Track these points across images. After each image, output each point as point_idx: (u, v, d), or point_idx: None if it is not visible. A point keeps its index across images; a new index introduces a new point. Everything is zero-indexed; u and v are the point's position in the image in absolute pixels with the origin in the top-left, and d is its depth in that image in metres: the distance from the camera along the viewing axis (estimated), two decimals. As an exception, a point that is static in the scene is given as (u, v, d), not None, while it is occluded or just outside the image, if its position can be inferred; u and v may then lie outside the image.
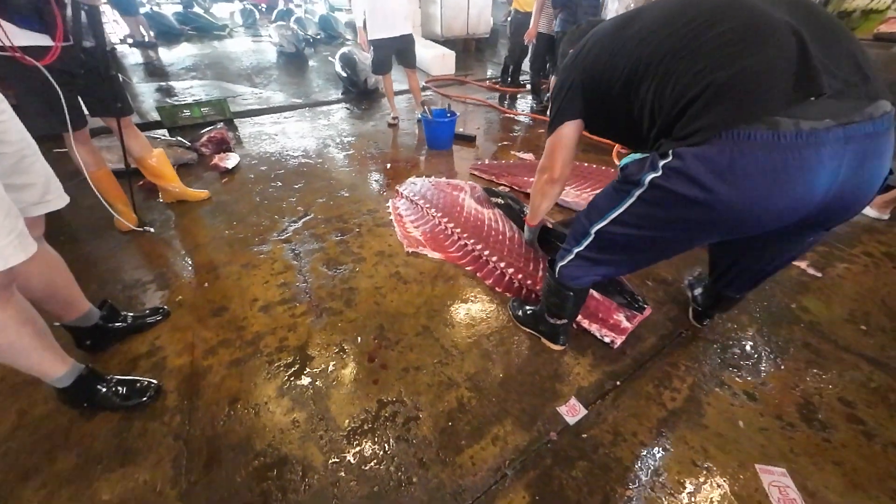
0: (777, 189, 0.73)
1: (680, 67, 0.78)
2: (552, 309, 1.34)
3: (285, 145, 3.35)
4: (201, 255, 1.97)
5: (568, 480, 1.07)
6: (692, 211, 0.81)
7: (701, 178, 0.75)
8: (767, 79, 0.69)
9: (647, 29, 0.87)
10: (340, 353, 1.44)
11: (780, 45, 0.70)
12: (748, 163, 0.72)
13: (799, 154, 0.70)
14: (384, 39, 3.34)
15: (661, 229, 0.91)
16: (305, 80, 5.53)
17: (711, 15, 0.78)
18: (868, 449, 1.14)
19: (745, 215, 0.78)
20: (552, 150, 1.26)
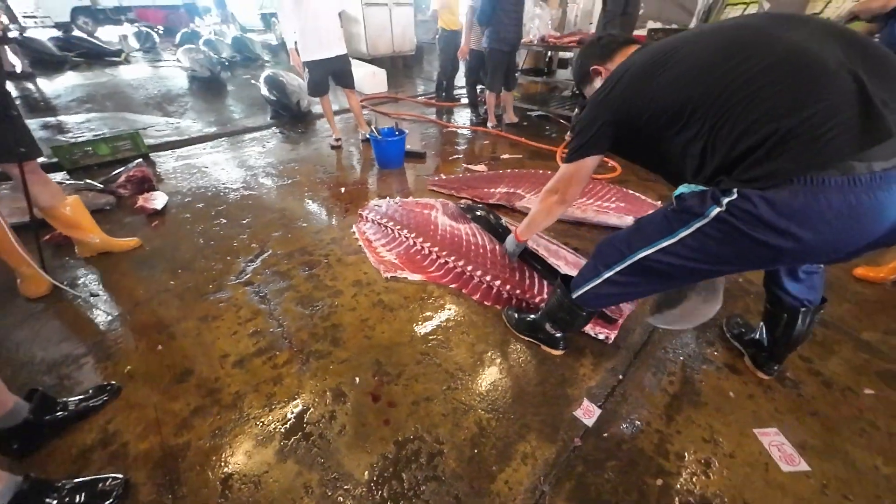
0: (851, 229, 0.76)
1: (739, 111, 0.78)
2: (559, 323, 1.37)
3: (220, 178, 3.07)
4: (145, 314, 1.70)
5: (602, 484, 1.08)
6: (756, 249, 0.82)
7: (772, 221, 0.76)
8: (833, 126, 0.70)
9: (691, 68, 0.86)
10: (340, 399, 1.32)
11: (841, 90, 0.71)
12: (823, 207, 0.73)
13: (874, 195, 0.73)
14: (319, 61, 3.24)
15: (715, 263, 0.91)
16: (226, 106, 5.15)
17: (766, 57, 0.77)
18: (831, 396, 1.31)
19: (820, 250, 0.80)
20: (569, 177, 1.23)
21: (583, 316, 1.29)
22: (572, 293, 1.24)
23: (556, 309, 1.34)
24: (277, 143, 3.88)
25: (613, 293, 1.15)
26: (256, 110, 4.95)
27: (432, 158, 3.48)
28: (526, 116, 4.54)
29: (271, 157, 3.49)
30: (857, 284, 1.83)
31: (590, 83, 1.25)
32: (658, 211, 1.01)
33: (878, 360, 1.44)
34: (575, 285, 1.23)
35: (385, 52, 7.09)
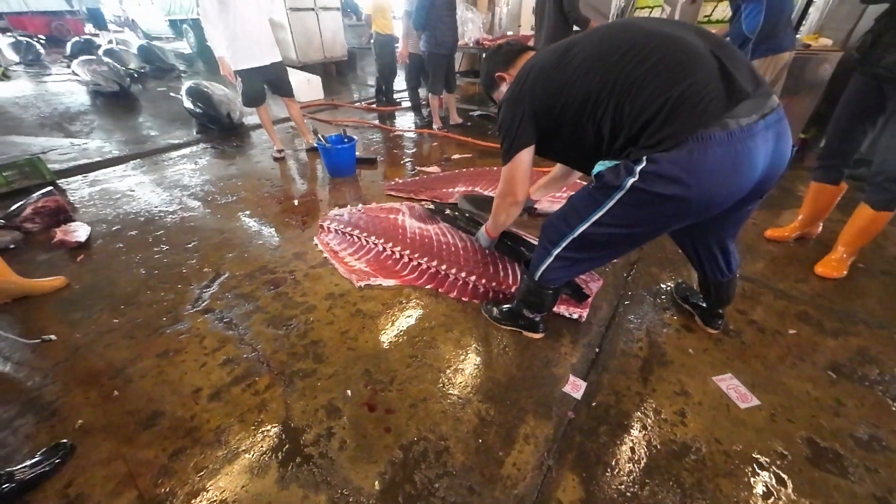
0: (734, 174, 0.94)
1: (634, 91, 0.94)
2: (532, 307, 1.45)
3: (150, 201, 2.78)
4: (90, 360, 1.51)
5: (599, 448, 1.17)
6: (668, 205, 0.98)
7: (676, 175, 0.92)
8: (709, 91, 0.89)
9: (589, 61, 1.02)
10: (334, 415, 1.28)
11: (708, 65, 0.91)
12: (710, 158, 0.91)
13: (744, 145, 0.92)
14: (252, 69, 3.07)
15: (640, 224, 1.06)
16: (141, 123, 4.67)
17: (645, 46, 0.96)
18: (765, 339, 1.54)
19: (712, 199, 0.97)
20: (512, 176, 1.32)
21: (549, 294, 1.38)
22: (534, 275, 1.33)
23: (526, 293, 1.43)
24: (211, 160, 3.60)
25: (567, 266, 1.26)
26: (179, 125, 4.55)
27: (383, 163, 3.45)
28: (468, 117, 4.67)
29: (207, 175, 3.24)
30: (768, 244, 2.15)
31: (497, 88, 1.42)
32: (584, 189, 1.14)
33: (793, 305, 1.71)
34: (533, 267, 1.33)
35: (316, 58, 6.86)
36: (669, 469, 1.11)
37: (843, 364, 1.42)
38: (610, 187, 1.02)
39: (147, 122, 4.74)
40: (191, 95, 4.33)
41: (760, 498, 1.04)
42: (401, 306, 1.74)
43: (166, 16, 9.32)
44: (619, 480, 1.09)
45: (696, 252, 1.40)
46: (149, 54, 6.87)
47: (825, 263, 1.89)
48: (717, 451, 1.16)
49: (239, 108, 4.35)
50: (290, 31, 6.30)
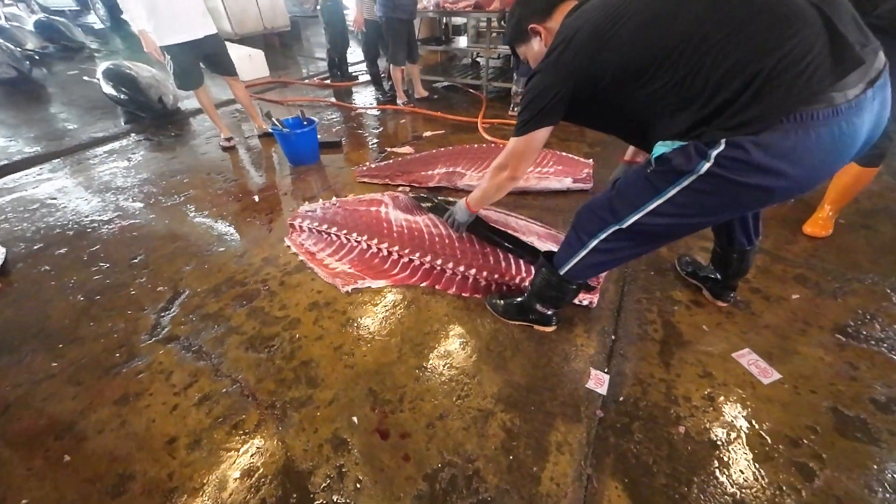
0: (833, 155, 0.79)
1: (711, 58, 0.75)
2: (548, 301, 1.34)
3: (78, 210, 2.38)
4: (26, 418, 1.24)
5: (636, 448, 1.11)
6: (749, 194, 0.83)
7: (766, 163, 0.76)
8: (814, 58, 0.70)
9: (651, 19, 0.81)
10: (342, 448, 1.13)
11: (810, 23, 0.71)
12: (813, 141, 0.75)
13: (851, 121, 0.75)
14: (182, 45, 2.63)
15: (707, 214, 0.92)
16: (53, 115, 4.02)
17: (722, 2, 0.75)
18: (771, 307, 1.53)
19: (802, 185, 0.84)
20: (520, 152, 1.15)
21: (573, 290, 1.28)
22: (559, 269, 1.20)
23: (545, 287, 1.31)
24: (148, 154, 3.14)
25: (602, 261, 1.14)
26: (100, 115, 3.95)
27: (349, 146, 3.16)
28: (433, 89, 4.38)
29: (145, 172, 2.81)
30: (754, 206, 2.16)
31: (526, 43, 1.14)
32: (637, 173, 0.98)
33: (790, 268, 1.71)
34: (560, 261, 1.20)
35: (254, 29, 6.16)
36: (711, 461, 1.07)
37: (848, 325, 1.44)
38: (676, 172, 0.85)
39: (60, 112, 4.08)
40: (111, 79, 3.73)
41: (804, 479, 1.02)
42: (396, 310, 1.57)
43: (65, -16, 7.97)
44: (663, 482, 1.03)
45: (729, 221, 1.27)
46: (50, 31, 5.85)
47: (812, 223, 1.91)
48: (752, 433, 1.12)
49: (172, 92, 3.83)
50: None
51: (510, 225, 1.66)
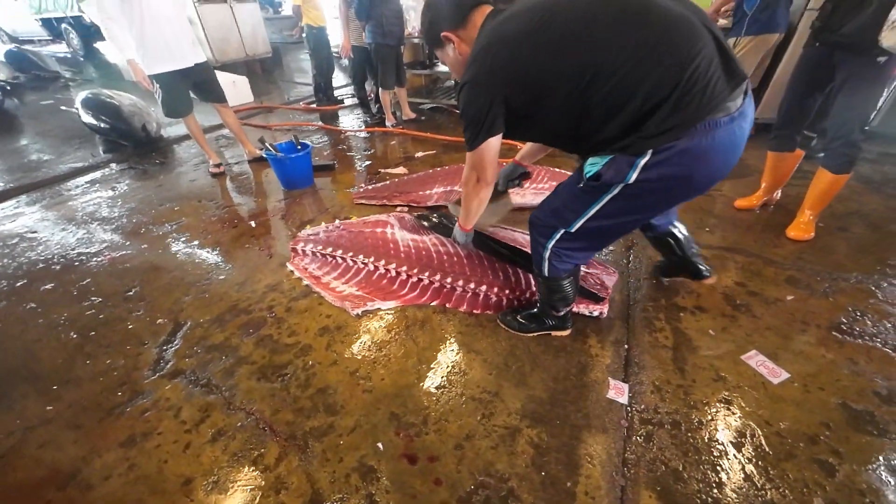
0: (733, 155, 0.95)
1: (638, 72, 0.82)
2: (560, 303, 1.37)
3: (64, 242, 2.28)
4: (22, 469, 1.15)
5: (664, 455, 1.12)
6: (675, 191, 0.98)
7: (686, 164, 0.89)
8: (712, 73, 0.83)
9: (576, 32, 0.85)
10: (370, 477, 1.09)
11: (707, 41, 0.83)
12: (717, 143, 0.88)
13: (741, 126, 0.90)
14: (172, 73, 2.62)
15: (640, 211, 1.06)
16: (26, 146, 3.89)
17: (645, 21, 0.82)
18: (770, 309, 1.60)
19: (712, 181, 0.99)
20: (480, 161, 1.16)
21: (569, 281, 1.31)
22: (542, 274, 1.29)
23: (547, 293, 1.36)
24: (133, 183, 3.06)
25: (566, 258, 1.23)
26: (78, 144, 3.84)
27: (342, 169, 3.17)
28: (420, 111, 4.47)
29: (132, 202, 2.73)
30: (738, 214, 2.27)
31: (441, 49, 1.14)
32: (573, 184, 1.10)
33: (781, 271, 1.81)
34: (537, 265, 1.29)
35: (236, 56, 6.17)
36: (738, 463, 1.09)
37: (842, 323, 1.51)
38: (608, 183, 0.97)
39: (34, 143, 3.94)
40: (90, 108, 3.65)
41: (826, 475, 1.05)
42: (409, 330, 1.56)
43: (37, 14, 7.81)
44: (695, 488, 1.04)
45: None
46: (21, 61, 5.69)
47: (795, 227, 2.03)
48: (770, 433, 1.16)
49: (155, 119, 3.77)
50: (201, 26, 5.56)
51: (517, 240, 1.69)
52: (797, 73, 1.94)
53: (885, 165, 2.74)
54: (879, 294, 1.64)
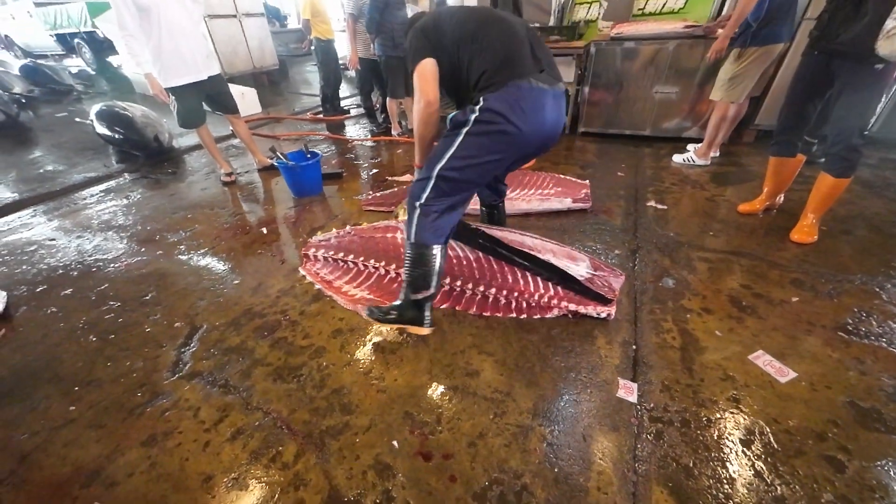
0: (536, 113, 1.31)
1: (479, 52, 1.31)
2: (418, 282, 1.43)
3: (81, 249, 2.34)
4: (48, 467, 1.18)
5: (675, 452, 1.14)
6: (502, 135, 1.29)
7: (501, 108, 1.26)
8: (523, 59, 1.32)
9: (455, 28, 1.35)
10: (386, 474, 1.12)
11: (523, 41, 1.35)
12: (521, 97, 1.28)
13: (541, 97, 1.31)
14: (187, 86, 2.70)
15: (484, 153, 1.33)
16: (41, 157, 3.97)
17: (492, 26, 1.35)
18: (776, 310, 1.62)
19: (527, 132, 1.30)
20: (422, 80, 1.36)
21: (433, 255, 1.41)
22: (410, 239, 1.41)
23: (412, 265, 1.43)
24: (146, 192, 3.13)
25: (435, 216, 1.38)
26: (91, 155, 3.93)
27: (349, 177, 3.23)
28: (424, 120, 4.54)
29: (145, 210, 2.80)
30: (741, 218, 2.30)
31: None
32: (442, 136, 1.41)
33: (786, 273, 1.83)
34: (408, 234, 1.43)
35: (244, 68, 6.31)
36: (748, 460, 1.11)
37: (847, 323, 1.54)
38: (459, 125, 1.32)
39: (48, 154, 4.04)
40: (105, 119, 3.74)
41: (835, 471, 1.07)
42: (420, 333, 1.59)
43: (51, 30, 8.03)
44: (705, 484, 1.06)
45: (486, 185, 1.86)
46: (36, 75, 5.84)
47: (799, 230, 2.06)
48: (779, 430, 1.18)
49: (168, 130, 3.87)
50: (210, 40, 5.71)
51: (525, 244, 1.72)
52: (796, 80, 1.99)
53: (886, 170, 2.77)
54: (884, 295, 1.66)
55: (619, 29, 3.26)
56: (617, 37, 3.26)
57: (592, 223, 2.31)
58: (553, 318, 1.62)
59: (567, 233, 2.23)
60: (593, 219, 2.36)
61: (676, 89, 3.26)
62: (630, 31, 3.23)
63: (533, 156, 1.55)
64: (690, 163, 3.06)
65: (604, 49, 3.34)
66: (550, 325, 1.60)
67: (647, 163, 3.16)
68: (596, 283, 1.61)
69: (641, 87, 3.37)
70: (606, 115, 3.62)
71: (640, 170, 3.03)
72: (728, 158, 3.13)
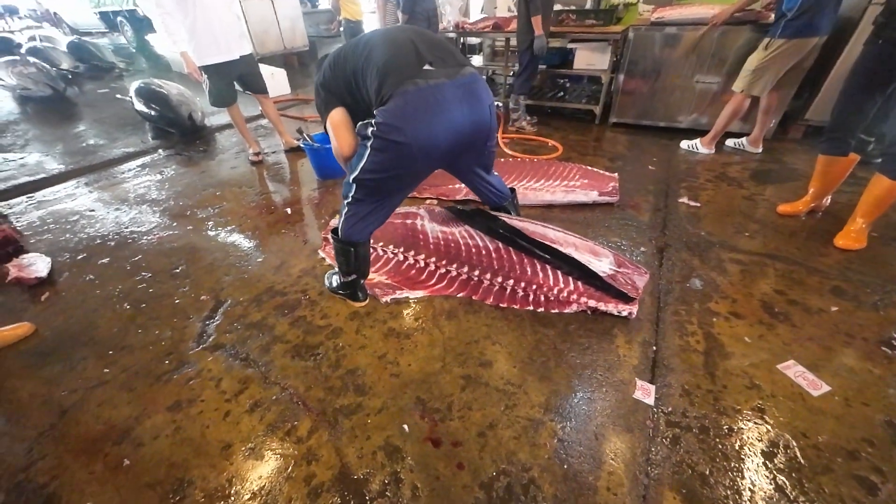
0: (431, 115, 1.23)
1: (368, 69, 1.27)
2: (342, 268, 1.60)
3: (117, 221, 2.45)
4: (84, 423, 1.27)
5: (691, 458, 1.10)
6: (398, 148, 1.24)
7: (391, 121, 1.21)
8: (401, 62, 1.24)
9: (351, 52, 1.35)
10: (395, 456, 1.14)
11: (406, 48, 1.27)
12: (409, 105, 1.21)
13: (432, 95, 1.23)
14: (220, 65, 2.74)
15: (391, 168, 1.31)
16: (85, 131, 4.15)
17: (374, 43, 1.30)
18: (812, 319, 1.53)
19: (425, 140, 1.25)
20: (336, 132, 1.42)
21: (352, 252, 1.52)
22: (337, 234, 1.52)
23: (337, 254, 1.57)
24: (179, 168, 3.24)
25: (359, 218, 1.46)
26: (130, 131, 4.08)
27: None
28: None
29: (178, 186, 2.90)
30: (781, 220, 2.17)
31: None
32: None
33: (826, 280, 1.72)
34: (337, 229, 1.53)
35: (275, 49, 6.37)
36: (766, 473, 1.06)
37: (893, 338, 1.43)
38: (365, 139, 1.29)
39: (91, 129, 4.22)
40: (142, 97, 3.87)
41: (867, 492, 1.01)
42: (436, 320, 1.60)
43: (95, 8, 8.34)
44: (721, 493, 1.02)
45: (477, 190, 1.76)
46: (82, 52, 6.10)
47: (845, 235, 1.92)
48: (807, 445, 1.12)
49: (201, 109, 3.96)
50: (244, 20, 5.77)
51: (548, 236, 1.68)
52: (856, 72, 1.82)
53: (952, 174, 2.53)
54: (937, 310, 1.53)
55: (661, 13, 3.07)
56: (658, 21, 3.07)
57: (619, 218, 2.23)
58: (571, 314, 1.59)
59: (591, 227, 2.16)
60: (620, 213, 2.27)
61: (719, 79, 3.06)
62: (673, 16, 3.03)
63: (464, 156, 1.52)
64: (695, 150, 3.03)
65: (643, 34, 3.16)
66: (568, 320, 1.56)
67: (680, 157, 3.01)
68: (619, 280, 1.56)
69: (681, 75, 3.18)
70: (641, 106, 3.45)
71: (673, 164, 2.89)
72: (770, 155, 2.94)
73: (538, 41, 3.04)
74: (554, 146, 3.22)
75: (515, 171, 2.65)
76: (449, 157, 1.41)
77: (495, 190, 1.79)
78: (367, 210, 1.45)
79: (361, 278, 1.65)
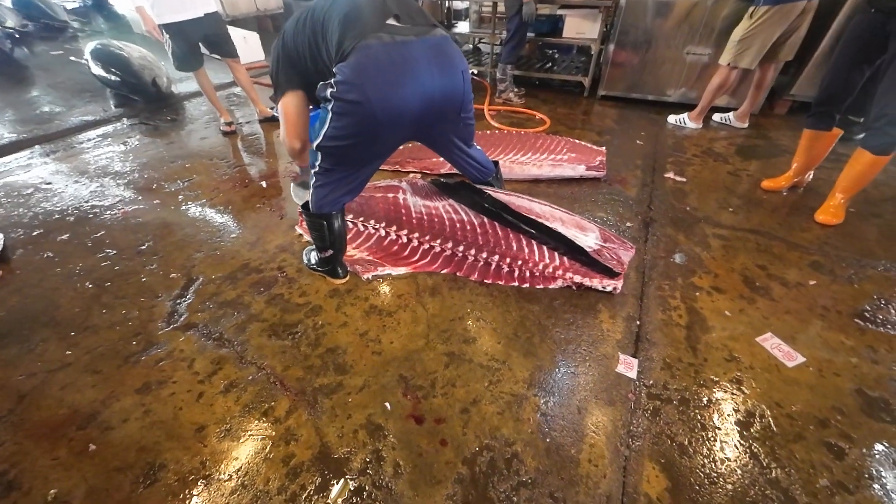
0: (394, 78, 1.12)
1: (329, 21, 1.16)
2: (318, 243, 1.53)
3: (77, 194, 2.28)
4: (45, 408, 1.20)
5: (671, 429, 1.12)
6: (358, 111, 1.14)
7: (351, 78, 1.10)
8: (364, 15, 1.13)
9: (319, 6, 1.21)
10: (377, 434, 1.12)
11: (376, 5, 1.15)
12: (371, 60, 1.10)
13: (398, 52, 1.12)
14: (182, 23, 2.52)
15: (354, 134, 1.21)
16: (37, 97, 3.83)
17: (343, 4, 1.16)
18: (790, 293, 1.56)
19: (389, 103, 1.14)
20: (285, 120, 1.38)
21: (325, 225, 1.45)
22: (309, 208, 1.43)
23: (310, 229, 1.50)
24: (144, 139, 3.02)
25: (326, 186, 1.37)
26: (89, 98, 3.78)
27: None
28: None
29: (143, 157, 2.71)
30: (765, 195, 2.18)
31: None
32: None
33: (805, 255, 1.74)
34: (308, 203, 1.44)
35: (247, 10, 5.92)
36: (742, 442, 1.08)
37: (865, 310, 1.47)
38: (325, 101, 1.18)
39: (46, 95, 3.89)
40: (100, 60, 3.57)
41: (834, 458, 1.04)
42: (419, 297, 1.56)
43: (43, -41, 7.53)
44: (699, 463, 1.04)
45: (458, 165, 1.67)
46: (30, 8, 5.54)
47: (824, 211, 1.94)
48: (780, 415, 1.15)
49: (166, 74, 3.69)
50: (211, -23, 5.31)
51: (534, 210, 1.64)
52: (846, 43, 1.79)
53: (928, 151, 2.58)
54: (908, 283, 1.58)
55: (655, -22, 2.95)
56: (651, -13, 2.95)
57: (606, 193, 2.20)
58: (556, 289, 1.57)
59: (578, 202, 2.13)
60: (607, 188, 2.24)
61: (710, 51, 3.00)
62: (666, -18, 2.92)
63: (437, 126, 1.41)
64: (682, 124, 3.01)
65: (636, 1, 3.05)
66: (553, 295, 1.55)
67: (668, 131, 2.97)
68: (604, 256, 1.54)
69: (672, 46, 3.10)
70: (630, 78, 3.37)
71: (661, 139, 2.86)
72: (756, 131, 2.94)
73: (527, 7, 2.90)
74: (541, 119, 3.14)
75: (501, 143, 2.57)
76: (419, 126, 1.30)
77: (477, 164, 1.69)
78: (337, 179, 1.36)
79: (339, 254, 1.56)
